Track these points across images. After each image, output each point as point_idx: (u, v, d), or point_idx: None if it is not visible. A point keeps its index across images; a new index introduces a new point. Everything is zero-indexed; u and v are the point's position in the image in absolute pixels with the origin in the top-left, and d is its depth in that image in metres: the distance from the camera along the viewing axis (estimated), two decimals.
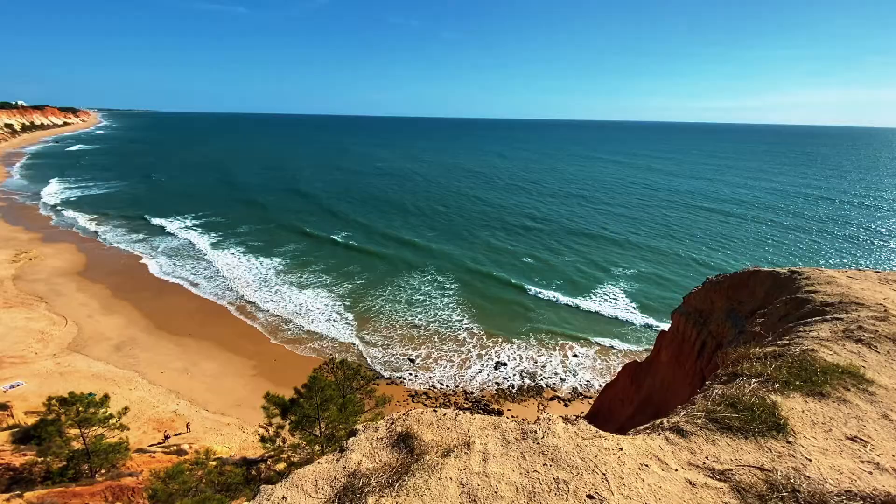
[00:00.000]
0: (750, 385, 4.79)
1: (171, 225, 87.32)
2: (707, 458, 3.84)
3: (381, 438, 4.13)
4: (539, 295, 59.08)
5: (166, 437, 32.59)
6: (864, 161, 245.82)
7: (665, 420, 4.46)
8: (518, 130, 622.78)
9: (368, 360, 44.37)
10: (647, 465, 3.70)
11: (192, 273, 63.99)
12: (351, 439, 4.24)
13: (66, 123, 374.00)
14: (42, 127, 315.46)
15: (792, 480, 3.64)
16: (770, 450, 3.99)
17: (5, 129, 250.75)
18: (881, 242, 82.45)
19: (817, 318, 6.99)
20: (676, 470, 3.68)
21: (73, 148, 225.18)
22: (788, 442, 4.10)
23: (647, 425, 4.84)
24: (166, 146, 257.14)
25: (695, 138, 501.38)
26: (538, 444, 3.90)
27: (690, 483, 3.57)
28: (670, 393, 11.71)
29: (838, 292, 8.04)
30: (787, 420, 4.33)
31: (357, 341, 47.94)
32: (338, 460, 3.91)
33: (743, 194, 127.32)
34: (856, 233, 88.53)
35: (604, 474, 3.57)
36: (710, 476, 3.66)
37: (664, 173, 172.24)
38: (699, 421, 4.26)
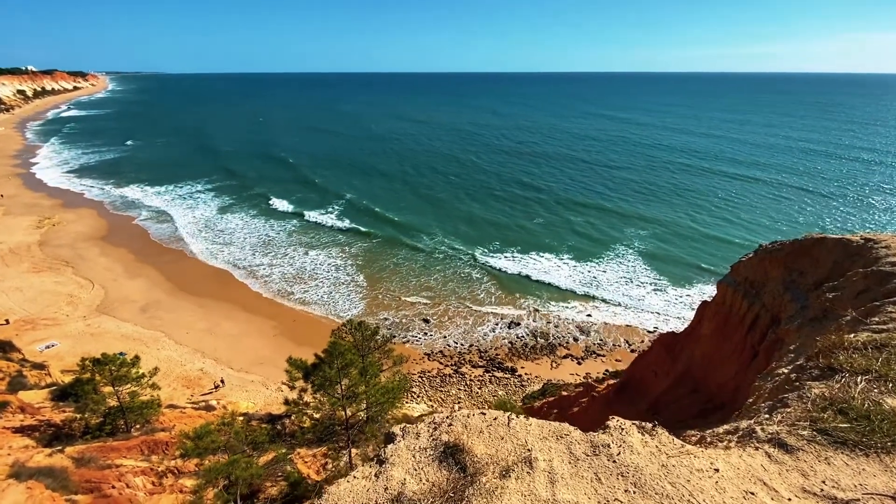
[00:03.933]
0: (857, 385, 4.02)
1: (181, 190, 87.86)
2: (824, 482, 3.15)
3: (425, 449, 3.54)
4: (548, 258, 58.35)
5: (216, 387, 35.04)
6: None
7: (758, 428, 3.75)
8: (523, 85, 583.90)
9: (382, 320, 44.89)
10: (752, 493, 3.03)
11: (208, 238, 64.66)
12: (389, 447, 3.68)
13: (76, 88, 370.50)
14: (53, 92, 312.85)
15: None
16: None
17: (18, 96, 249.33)
18: None
19: None
20: (790, 500, 3.01)
21: (85, 113, 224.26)
22: None
23: (729, 428, 4.16)
24: (171, 109, 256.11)
25: (718, 89, 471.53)
26: (614, 462, 3.26)
27: None
28: (712, 367, 11.06)
29: None
30: None
31: (370, 301, 48.42)
32: (377, 476, 3.36)
33: (764, 154, 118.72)
34: None
35: None
36: None
37: (679, 131, 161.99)
38: (805, 432, 3.54)
